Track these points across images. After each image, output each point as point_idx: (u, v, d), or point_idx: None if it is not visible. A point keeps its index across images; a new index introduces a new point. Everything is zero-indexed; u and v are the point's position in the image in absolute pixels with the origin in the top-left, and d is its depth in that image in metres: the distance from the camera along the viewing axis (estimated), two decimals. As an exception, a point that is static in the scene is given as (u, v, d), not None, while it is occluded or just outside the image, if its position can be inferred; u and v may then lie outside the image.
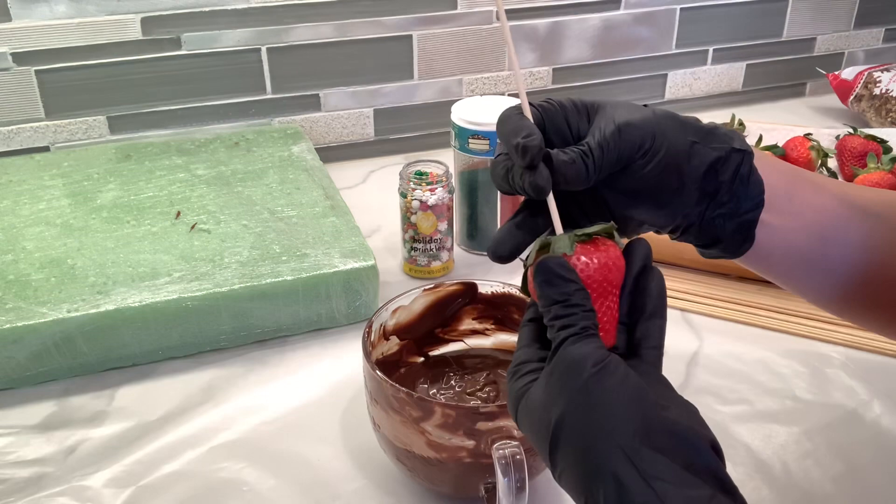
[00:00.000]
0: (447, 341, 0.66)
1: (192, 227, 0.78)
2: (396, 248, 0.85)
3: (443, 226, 0.80)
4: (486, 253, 0.86)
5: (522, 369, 0.41)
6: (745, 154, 0.45)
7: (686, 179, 0.44)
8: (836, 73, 1.19)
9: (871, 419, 0.65)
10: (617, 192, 0.45)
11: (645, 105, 0.46)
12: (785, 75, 1.26)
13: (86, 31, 0.91)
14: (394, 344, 0.64)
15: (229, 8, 0.95)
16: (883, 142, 0.93)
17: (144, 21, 0.93)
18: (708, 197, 0.45)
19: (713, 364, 0.71)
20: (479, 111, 0.81)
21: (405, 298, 0.62)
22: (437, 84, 1.08)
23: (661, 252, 0.79)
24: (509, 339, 0.65)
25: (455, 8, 1.03)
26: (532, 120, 0.43)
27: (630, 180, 0.44)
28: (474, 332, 0.66)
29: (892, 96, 1.12)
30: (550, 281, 0.39)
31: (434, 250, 0.81)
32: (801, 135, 0.94)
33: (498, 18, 1.04)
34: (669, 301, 0.44)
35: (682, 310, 0.78)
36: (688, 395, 0.39)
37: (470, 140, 0.81)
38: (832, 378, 0.69)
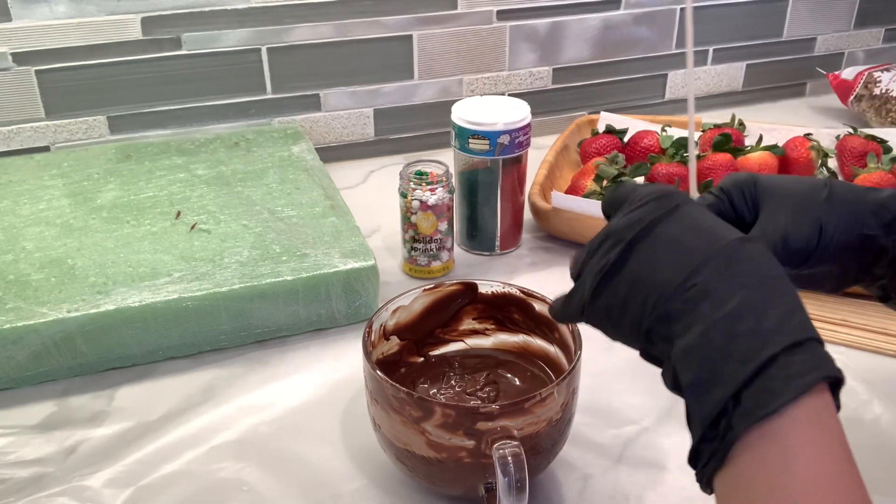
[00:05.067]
0: (447, 341, 0.66)
1: (192, 227, 0.78)
2: (396, 248, 0.85)
3: (443, 226, 0.80)
4: (486, 253, 0.86)
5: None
6: None
7: (855, 264, 0.47)
8: (836, 73, 1.19)
9: (871, 419, 0.65)
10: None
11: (826, 189, 0.47)
12: (785, 75, 1.26)
13: (86, 31, 0.91)
14: (394, 344, 0.64)
15: (229, 8, 0.95)
16: (883, 142, 0.93)
17: (144, 21, 0.93)
18: (878, 275, 0.47)
19: (713, 364, 0.71)
20: (479, 111, 0.81)
21: (405, 298, 0.62)
22: (437, 84, 1.08)
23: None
24: (509, 339, 0.65)
25: (455, 8, 1.03)
26: None
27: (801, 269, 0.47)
28: (474, 332, 0.66)
29: (892, 96, 1.12)
30: None
31: (434, 250, 0.81)
32: (801, 135, 0.94)
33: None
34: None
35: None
36: (688, 395, 0.39)
37: (470, 140, 0.81)
38: (832, 378, 0.69)
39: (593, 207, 0.82)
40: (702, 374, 0.38)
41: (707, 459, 0.38)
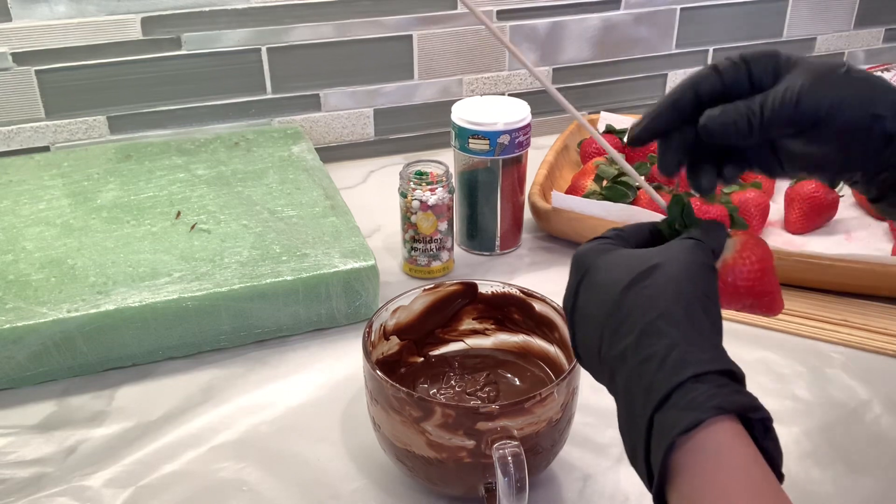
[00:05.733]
0: (447, 341, 0.66)
1: (192, 227, 0.78)
2: (396, 248, 0.85)
3: (443, 226, 0.80)
4: (486, 253, 0.86)
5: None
6: None
7: (861, 149, 0.46)
8: (836, 73, 1.19)
9: (871, 419, 0.65)
10: (790, 147, 0.48)
11: (845, 67, 0.47)
12: (785, 75, 1.26)
13: (86, 31, 0.91)
14: (394, 344, 0.64)
15: (229, 8, 0.95)
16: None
17: (144, 21, 0.93)
18: (883, 164, 0.46)
19: (713, 364, 0.71)
20: (479, 111, 0.81)
21: (405, 298, 0.62)
22: (437, 84, 1.08)
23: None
24: (509, 339, 0.65)
25: (455, 8, 1.03)
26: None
27: (804, 141, 0.47)
28: (474, 332, 0.66)
29: (892, 96, 1.12)
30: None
31: (434, 250, 0.81)
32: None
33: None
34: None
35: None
36: (688, 395, 0.39)
37: (470, 140, 0.81)
38: (832, 378, 0.69)
39: (593, 207, 0.82)
40: (627, 446, 0.40)
41: None
